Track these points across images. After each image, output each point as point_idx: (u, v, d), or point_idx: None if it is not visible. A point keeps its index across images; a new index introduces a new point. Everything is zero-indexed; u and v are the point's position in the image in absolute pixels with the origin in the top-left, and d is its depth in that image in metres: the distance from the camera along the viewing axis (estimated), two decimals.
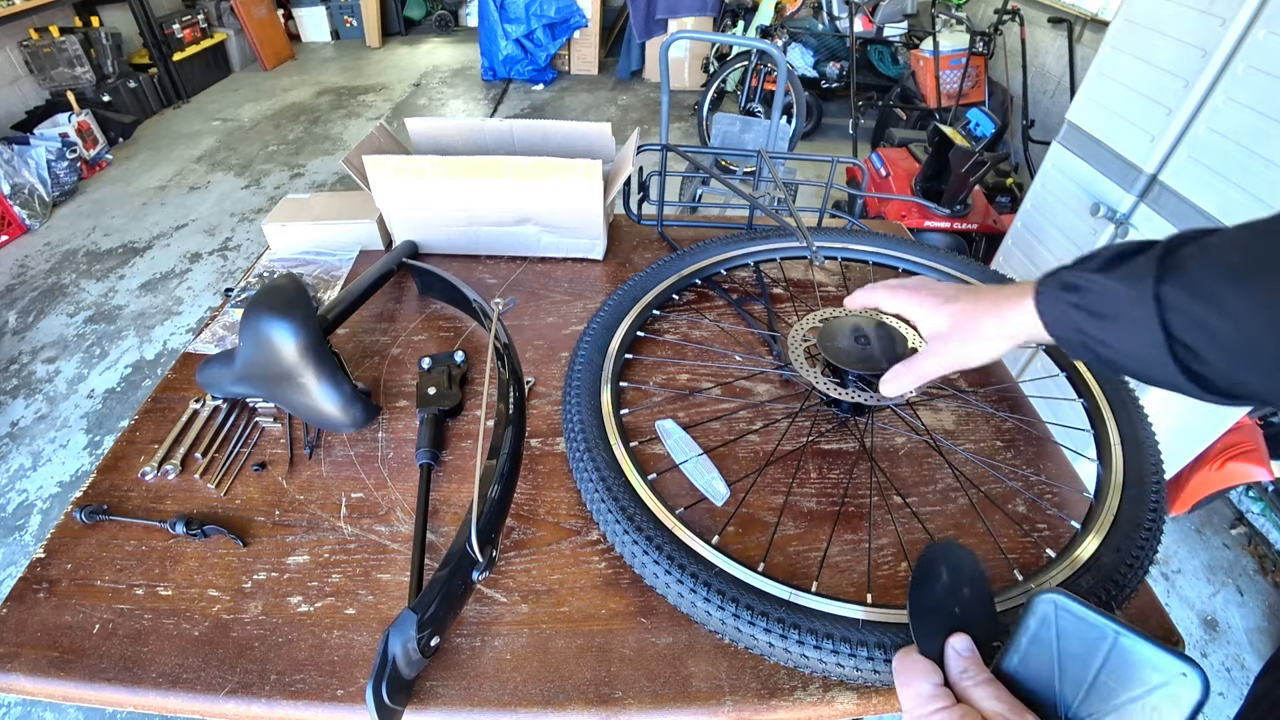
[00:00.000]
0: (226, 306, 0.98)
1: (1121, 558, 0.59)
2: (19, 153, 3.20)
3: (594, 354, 0.78)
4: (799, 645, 0.51)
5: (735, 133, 2.33)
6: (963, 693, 0.40)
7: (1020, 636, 0.39)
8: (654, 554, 0.57)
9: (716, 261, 0.98)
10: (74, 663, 0.56)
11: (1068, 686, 0.37)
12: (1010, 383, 0.90)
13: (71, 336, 2.54)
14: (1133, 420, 0.73)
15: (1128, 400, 0.75)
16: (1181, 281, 0.39)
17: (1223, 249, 0.39)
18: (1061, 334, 0.47)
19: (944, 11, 3.82)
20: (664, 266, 0.94)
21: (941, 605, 0.44)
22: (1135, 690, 0.34)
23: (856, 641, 0.51)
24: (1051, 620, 0.38)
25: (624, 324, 0.84)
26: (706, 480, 0.71)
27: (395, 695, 0.50)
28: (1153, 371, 0.42)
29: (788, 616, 0.52)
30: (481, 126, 1.13)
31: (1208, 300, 0.38)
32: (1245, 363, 0.37)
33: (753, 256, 1.00)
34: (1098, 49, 1.75)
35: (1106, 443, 0.71)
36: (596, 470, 0.64)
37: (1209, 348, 0.38)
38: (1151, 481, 0.66)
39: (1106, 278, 0.43)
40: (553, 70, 5.29)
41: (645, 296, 0.88)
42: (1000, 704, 0.38)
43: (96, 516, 0.67)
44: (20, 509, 1.90)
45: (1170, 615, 0.63)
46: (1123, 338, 0.42)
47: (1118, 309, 0.42)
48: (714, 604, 0.54)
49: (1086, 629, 0.37)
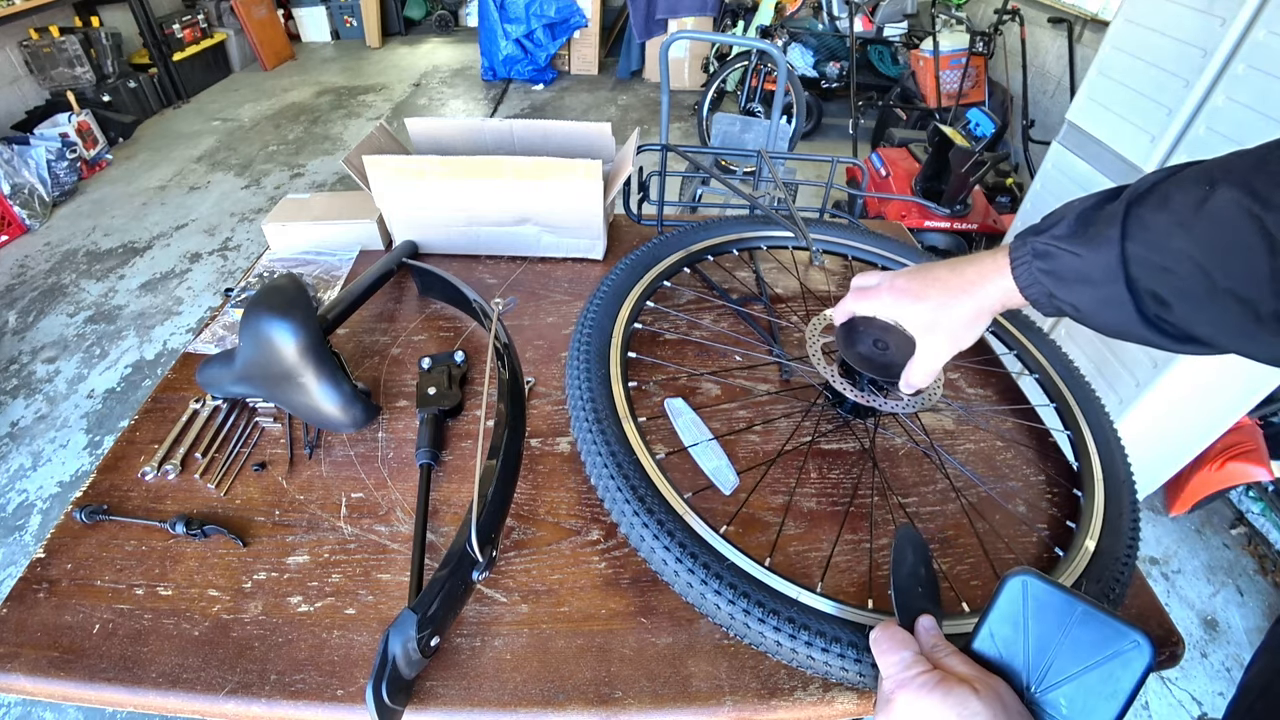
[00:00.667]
0: (226, 306, 0.98)
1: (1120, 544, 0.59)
2: (19, 153, 3.20)
3: (603, 319, 0.75)
4: (806, 647, 0.51)
5: (735, 133, 2.33)
6: (936, 663, 0.43)
7: (991, 614, 0.42)
8: (665, 539, 0.55)
9: (727, 241, 0.94)
10: (74, 663, 0.56)
11: (1034, 658, 0.40)
12: (1009, 382, 0.90)
13: (71, 336, 2.54)
14: (1115, 459, 0.74)
15: (1112, 440, 0.76)
16: (1144, 237, 0.41)
17: (1175, 195, 0.40)
18: (1034, 297, 0.49)
19: (944, 11, 3.82)
20: (665, 243, 0.90)
21: (911, 584, 0.49)
22: (1094, 659, 0.38)
23: (864, 647, 0.50)
24: (1020, 597, 0.41)
25: (632, 295, 0.80)
26: (716, 466, 0.70)
27: (395, 695, 0.50)
28: (1118, 325, 0.45)
29: (798, 616, 0.52)
30: (481, 126, 1.13)
31: (1165, 251, 0.40)
32: (1190, 301, 0.40)
33: (764, 241, 0.98)
34: (1098, 49, 1.75)
35: (1089, 474, 0.71)
36: (606, 444, 0.61)
37: (1170, 294, 0.41)
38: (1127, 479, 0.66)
39: (1073, 243, 0.45)
40: (553, 70, 5.29)
41: (657, 266, 0.85)
42: (971, 670, 0.41)
43: (96, 516, 0.67)
44: (20, 509, 1.90)
45: (1170, 615, 0.63)
46: (1091, 298, 0.45)
47: (1084, 272, 0.45)
48: (724, 597, 0.52)
49: (1053, 604, 0.40)
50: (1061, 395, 0.80)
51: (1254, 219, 0.35)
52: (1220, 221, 0.37)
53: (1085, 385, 0.82)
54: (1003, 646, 0.42)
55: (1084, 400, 0.79)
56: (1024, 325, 0.89)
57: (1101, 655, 0.37)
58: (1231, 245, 0.36)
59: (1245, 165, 0.38)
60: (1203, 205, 0.38)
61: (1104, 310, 0.45)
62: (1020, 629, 0.41)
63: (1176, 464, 1.72)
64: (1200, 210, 0.38)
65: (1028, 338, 0.87)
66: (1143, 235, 0.41)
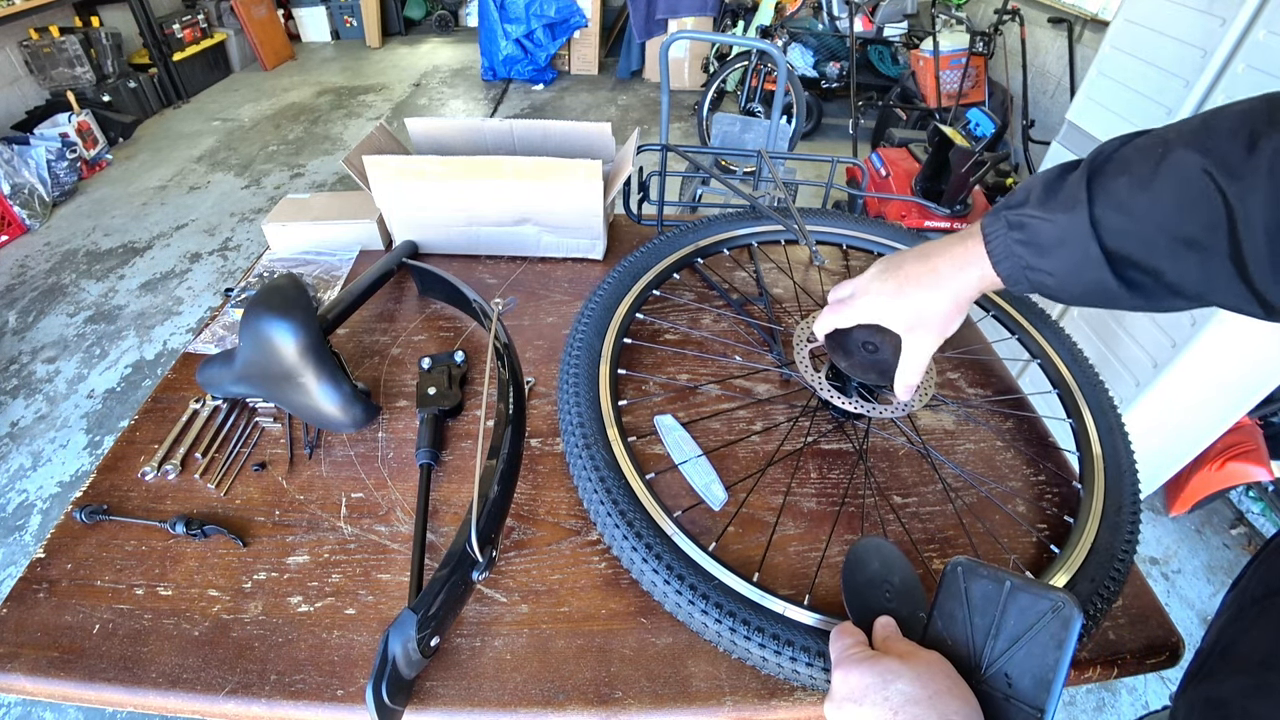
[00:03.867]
0: (226, 306, 0.98)
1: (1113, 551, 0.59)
2: (19, 153, 3.20)
3: (592, 337, 0.76)
4: (791, 662, 0.52)
5: (735, 133, 2.33)
6: (879, 648, 0.47)
7: (936, 605, 0.45)
8: (652, 561, 0.57)
9: (719, 240, 0.95)
10: (74, 663, 0.56)
11: (978, 640, 0.43)
12: (1010, 382, 0.90)
13: (71, 336, 2.54)
14: (1117, 444, 0.73)
15: (1115, 427, 0.75)
16: (1108, 200, 0.44)
17: (1134, 160, 0.43)
18: (1008, 273, 0.50)
19: (944, 11, 3.82)
20: (662, 245, 0.92)
21: (871, 590, 0.52)
22: (1027, 628, 0.40)
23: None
24: (959, 585, 0.44)
25: (624, 303, 0.81)
26: (705, 484, 0.71)
27: (395, 695, 0.50)
28: (1094, 287, 0.46)
29: (782, 632, 0.53)
30: (481, 126, 1.13)
31: (1129, 212, 0.43)
32: (1156, 254, 0.42)
33: (755, 238, 0.98)
34: (1098, 49, 1.75)
35: (1086, 435, 0.71)
36: (594, 466, 0.64)
37: (1138, 250, 0.43)
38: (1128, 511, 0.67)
39: (1045, 210, 0.47)
40: (553, 70, 5.29)
41: (644, 275, 0.86)
42: (908, 648, 0.45)
43: (96, 516, 0.67)
44: (20, 509, 1.90)
45: (1170, 615, 0.63)
46: (1066, 263, 0.46)
47: (1060, 236, 0.46)
48: (711, 616, 0.54)
49: (987, 585, 0.43)
50: (1064, 381, 0.80)
51: (1205, 174, 0.39)
52: (1176, 179, 0.40)
53: (1090, 369, 0.81)
54: (951, 633, 0.45)
55: (1087, 386, 0.79)
56: (1026, 308, 0.89)
57: (1033, 624, 0.40)
58: (1187, 199, 0.40)
59: (1192, 128, 0.42)
60: (1159, 166, 0.41)
61: (1081, 273, 0.46)
62: (963, 615, 0.44)
63: (1176, 464, 1.72)
64: (1157, 170, 0.41)
65: (1030, 322, 0.86)
66: (1106, 199, 0.44)
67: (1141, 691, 1.55)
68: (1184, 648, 0.61)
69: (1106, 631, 0.61)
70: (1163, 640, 0.61)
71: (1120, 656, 0.59)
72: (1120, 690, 1.55)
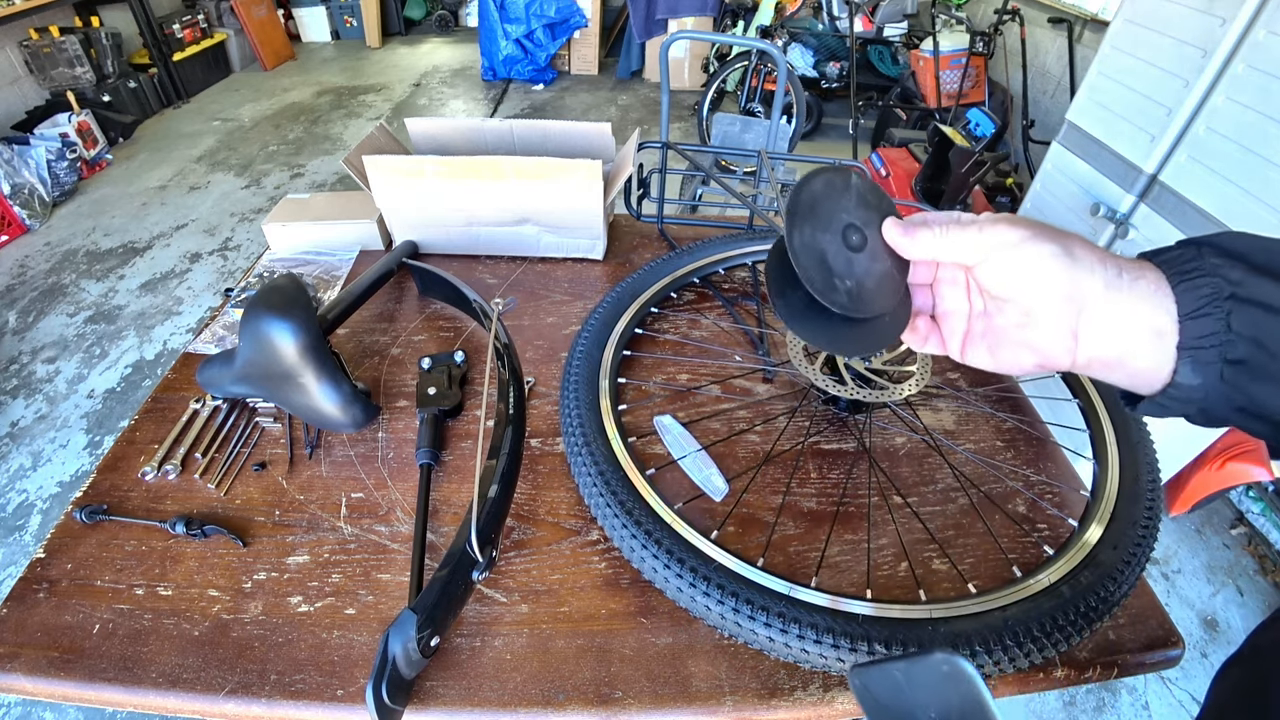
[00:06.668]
0: (226, 306, 0.98)
1: (1119, 554, 0.59)
2: (19, 153, 3.19)
3: (592, 349, 0.78)
4: (799, 640, 0.51)
5: (735, 133, 2.33)
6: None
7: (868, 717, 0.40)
8: (653, 548, 0.57)
9: (716, 260, 0.97)
10: (74, 663, 0.56)
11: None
12: (1010, 382, 0.90)
13: (71, 336, 2.54)
14: (1127, 419, 0.73)
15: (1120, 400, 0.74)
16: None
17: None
18: (1193, 346, 0.32)
19: (944, 11, 3.81)
20: (662, 265, 0.94)
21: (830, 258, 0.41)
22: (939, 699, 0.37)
23: (858, 636, 0.51)
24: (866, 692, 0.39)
25: (622, 320, 0.83)
26: (705, 475, 0.71)
27: (395, 695, 0.50)
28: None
29: (788, 611, 0.52)
30: (481, 126, 1.12)
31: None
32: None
33: (750, 257, 0.99)
34: (1098, 49, 1.75)
35: (1102, 441, 0.71)
36: (595, 465, 0.64)
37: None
38: (1147, 480, 0.66)
39: None
40: (553, 70, 5.29)
41: (644, 294, 0.88)
42: None
43: (96, 516, 0.67)
44: (20, 509, 1.90)
45: (1170, 615, 0.63)
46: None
47: None
48: (713, 598, 0.53)
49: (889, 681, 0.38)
50: (1085, 391, 0.77)
51: None
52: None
53: None
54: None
55: (1108, 398, 0.76)
56: None
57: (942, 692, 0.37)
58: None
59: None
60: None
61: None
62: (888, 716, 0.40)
63: (1176, 464, 1.72)
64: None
65: None
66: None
67: (1141, 691, 1.55)
68: (1184, 648, 0.61)
69: (1106, 632, 0.61)
70: (1163, 640, 0.61)
71: (1120, 657, 0.59)
72: (1120, 690, 1.55)
